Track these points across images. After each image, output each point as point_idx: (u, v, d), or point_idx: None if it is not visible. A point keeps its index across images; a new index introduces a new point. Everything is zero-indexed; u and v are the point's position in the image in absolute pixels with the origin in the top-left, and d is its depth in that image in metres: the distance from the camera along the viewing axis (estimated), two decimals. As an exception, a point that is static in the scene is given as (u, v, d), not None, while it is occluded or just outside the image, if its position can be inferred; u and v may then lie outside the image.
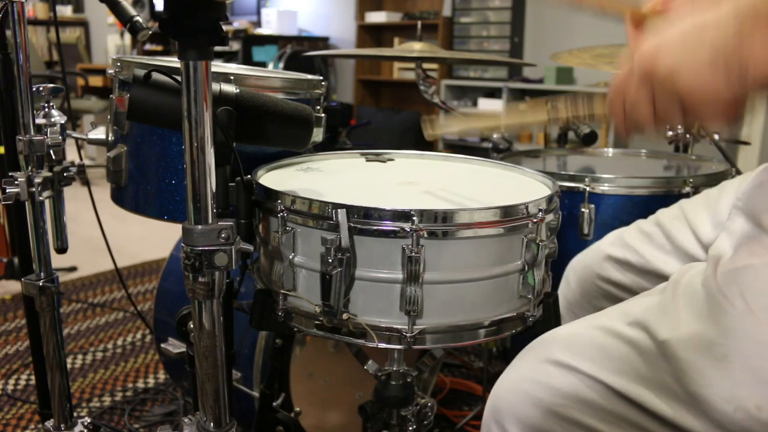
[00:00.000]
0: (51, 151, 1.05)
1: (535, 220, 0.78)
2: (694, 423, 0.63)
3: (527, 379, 0.73)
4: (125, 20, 1.06)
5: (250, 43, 5.37)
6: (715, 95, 0.54)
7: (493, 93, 4.52)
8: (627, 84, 0.59)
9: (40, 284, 1.09)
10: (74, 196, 1.43)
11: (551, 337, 0.76)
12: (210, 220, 0.67)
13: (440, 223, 0.74)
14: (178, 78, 0.67)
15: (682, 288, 0.70)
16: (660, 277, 0.99)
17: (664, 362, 0.65)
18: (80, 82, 4.81)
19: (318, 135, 1.03)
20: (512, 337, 0.84)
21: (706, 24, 0.54)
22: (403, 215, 0.73)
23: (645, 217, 1.08)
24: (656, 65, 0.56)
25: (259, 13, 5.71)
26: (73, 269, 2.74)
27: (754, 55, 0.52)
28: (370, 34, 5.34)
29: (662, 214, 1.04)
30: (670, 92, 0.56)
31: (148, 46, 5.87)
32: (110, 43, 6.14)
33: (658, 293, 0.73)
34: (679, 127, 1.61)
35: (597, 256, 1.09)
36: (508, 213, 0.77)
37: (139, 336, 2.16)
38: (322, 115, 1.06)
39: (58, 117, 1.07)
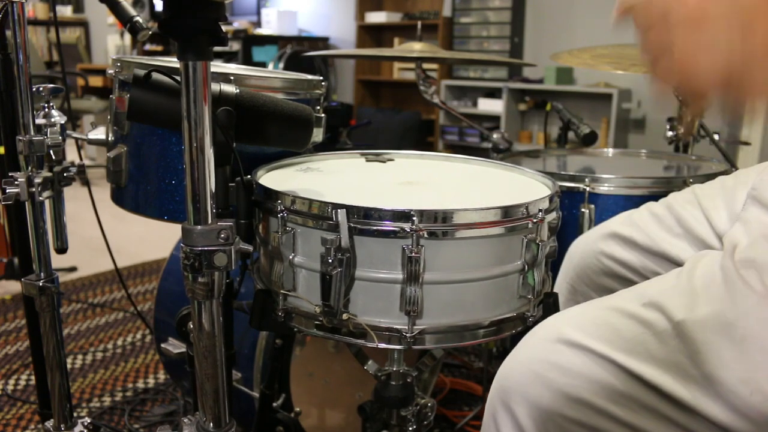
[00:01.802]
0: (51, 152, 1.05)
1: (535, 220, 0.78)
2: (709, 405, 0.63)
3: (537, 358, 0.71)
4: (125, 20, 1.06)
5: (250, 44, 5.37)
6: (695, 82, 0.52)
7: (493, 93, 4.52)
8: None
9: (40, 284, 1.09)
10: (74, 196, 1.43)
11: (562, 317, 0.75)
12: (209, 221, 0.67)
13: (440, 224, 0.74)
14: (178, 78, 0.67)
15: (699, 271, 0.69)
16: (666, 259, 0.98)
17: (679, 343, 0.65)
18: (80, 82, 4.81)
19: (318, 135, 1.03)
20: (512, 338, 0.84)
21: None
22: (403, 215, 0.73)
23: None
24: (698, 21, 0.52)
25: (259, 13, 5.71)
26: (73, 269, 2.74)
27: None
28: (370, 34, 5.34)
29: (674, 197, 1.03)
30: (669, 44, 0.53)
31: (148, 47, 5.87)
32: (110, 43, 6.14)
33: (673, 276, 0.72)
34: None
35: (602, 233, 1.08)
36: (508, 213, 0.77)
37: (139, 336, 2.16)
38: (322, 115, 1.06)
39: (58, 117, 1.07)
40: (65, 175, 1.08)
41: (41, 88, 1.06)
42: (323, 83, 1.07)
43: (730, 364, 0.62)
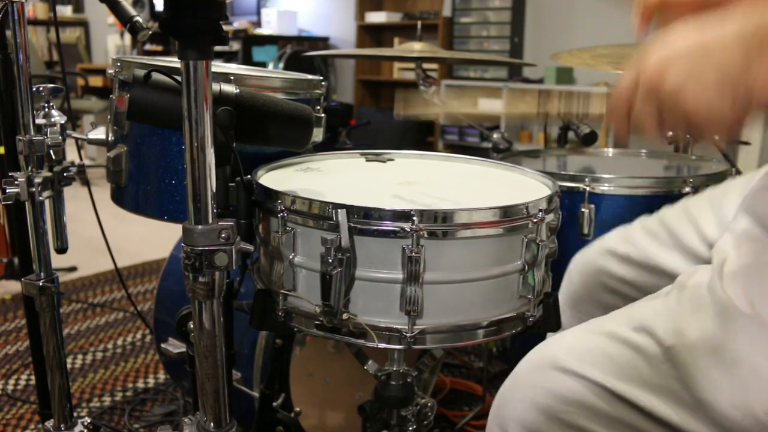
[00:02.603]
0: (51, 151, 1.05)
1: (535, 220, 0.78)
2: (701, 429, 0.63)
3: (531, 384, 0.73)
4: (125, 20, 1.06)
5: (250, 43, 5.37)
6: (719, 115, 0.55)
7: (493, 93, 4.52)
8: (632, 93, 0.60)
9: (40, 284, 1.09)
10: (74, 196, 1.43)
11: (556, 343, 0.76)
12: (210, 220, 0.67)
13: (440, 223, 0.74)
14: (178, 78, 0.67)
15: (687, 292, 0.69)
16: (662, 273, 0.99)
17: (670, 368, 0.65)
18: (80, 82, 4.81)
19: (318, 135, 1.03)
20: (512, 338, 0.84)
21: (713, 43, 0.55)
22: (403, 215, 0.73)
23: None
24: (662, 81, 0.57)
25: (259, 13, 5.71)
26: (73, 269, 2.74)
27: (759, 79, 0.52)
28: (370, 34, 5.34)
29: (666, 212, 1.04)
30: (675, 108, 0.57)
31: (148, 46, 5.87)
32: (110, 43, 6.14)
33: (663, 297, 0.72)
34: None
35: (600, 250, 1.08)
36: (508, 213, 0.77)
37: (139, 336, 2.16)
38: (322, 115, 1.06)
39: (58, 117, 1.07)
40: (65, 175, 1.08)
41: (41, 88, 1.06)
42: (323, 83, 1.07)
43: (721, 388, 0.62)
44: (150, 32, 1.08)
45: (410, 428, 1.02)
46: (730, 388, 0.61)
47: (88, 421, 1.19)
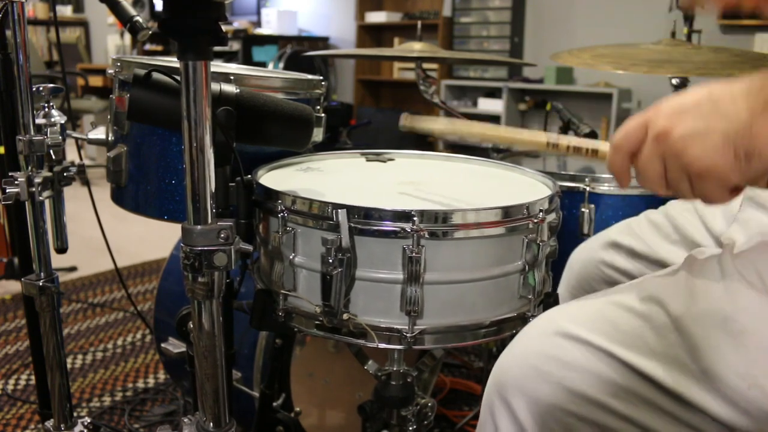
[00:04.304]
0: (51, 151, 1.05)
1: (535, 221, 0.78)
2: (706, 399, 0.63)
3: (535, 352, 0.71)
4: (125, 20, 1.06)
5: (250, 43, 5.37)
6: (721, 167, 0.56)
7: (493, 93, 4.52)
8: (640, 139, 0.61)
9: (40, 284, 1.08)
10: (74, 196, 1.43)
11: (560, 311, 0.75)
12: (209, 220, 0.67)
13: (441, 224, 0.74)
14: (178, 78, 0.67)
15: (697, 266, 0.69)
16: (665, 267, 0.99)
17: (677, 337, 0.65)
18: (80, 82, 4.81)
19: (318, 135, 1.03)
20: (512, 338, 0.84)
21: (721, 95, 0.57)
22: (404, 215, 0.73)
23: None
24: (672, 129, 0.58)
25: (259, 13, 5.71)
26: (73, 269, 2.74)
27: (761, 135, 0.54)
28: (370, 34, 5.34)
29: (671, 205, 1.05)
30: (680, 155, 0.58)
31: (148, 46, 5.87)
32: (110, 43, 6.14)
33: (671, 271, 0.72)
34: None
35: (602, 242, 1.09)
36: (508, 213, 0.77)
37: (139, 336, 2.16)
38: (322, 115, 1.06)
39: (58, 117, 1.07)
40: (65, 174, 1.08)
41: (41, 88, 1.06)
42: (323, 83, 1.07)
43: (728, 358, 0.62)
44: (150, 32, 1.08)
45: (410, 428, 1.02)
46: (737, 359, 0.62)
47: (88, 421, 1.19)
